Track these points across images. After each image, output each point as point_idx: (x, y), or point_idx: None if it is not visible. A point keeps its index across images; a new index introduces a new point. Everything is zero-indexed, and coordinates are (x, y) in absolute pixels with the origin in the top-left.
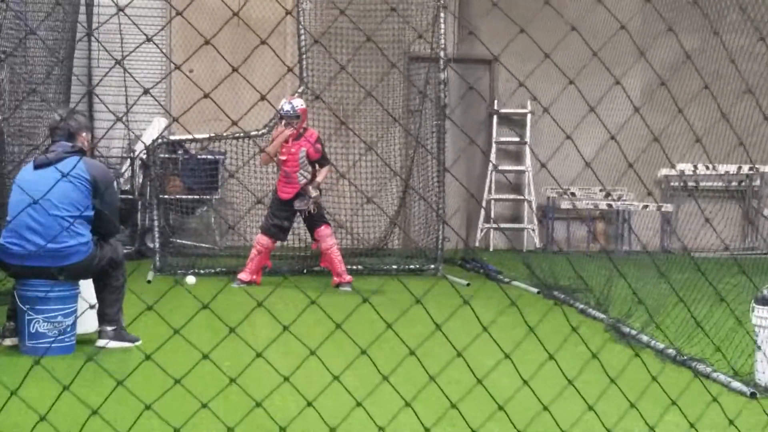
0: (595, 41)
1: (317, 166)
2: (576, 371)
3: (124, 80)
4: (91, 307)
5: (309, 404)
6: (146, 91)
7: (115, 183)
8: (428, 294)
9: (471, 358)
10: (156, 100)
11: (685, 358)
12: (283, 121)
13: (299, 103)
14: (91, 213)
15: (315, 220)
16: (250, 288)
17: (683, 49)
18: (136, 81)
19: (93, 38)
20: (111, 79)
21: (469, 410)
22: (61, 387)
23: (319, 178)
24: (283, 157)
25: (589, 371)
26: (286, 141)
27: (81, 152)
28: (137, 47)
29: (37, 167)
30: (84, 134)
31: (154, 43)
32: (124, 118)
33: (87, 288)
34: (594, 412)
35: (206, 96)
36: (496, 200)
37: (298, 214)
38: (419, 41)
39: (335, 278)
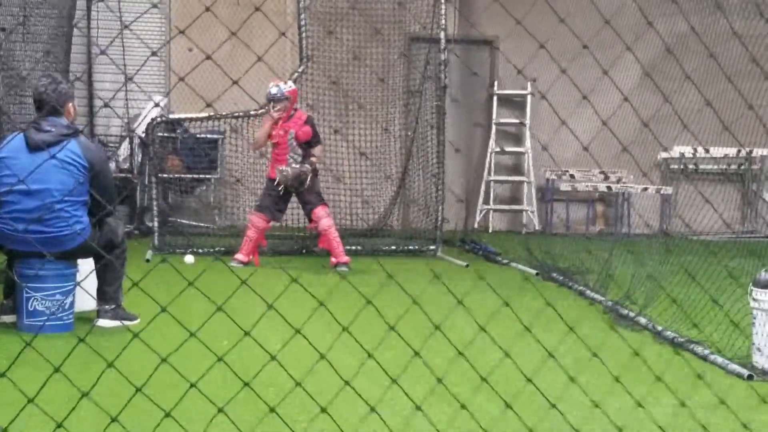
0: (596, 19)
1: (310, 147)
2: (573, 353)
3: (123, 59)
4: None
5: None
6: (139, 68)
7: (110, 163)
8: (427, 274)
9: (456, 333)
10: (140, 83)
11: (683, 340)
12: (272, 105)
13: (286, 86)
14: (87, 197)
15: (311, 201)
16: (248, 269)
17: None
18: (122, 65)
19: (91, 15)
20: (111, 57)
21: (475, 404)
22: (54, 367)
23: (315, 156)
24: (274, 140)
25: (583, 350)
26: (275, 123)
27: (76, 132)
28: (129, 25)
29: (32, 150)
30: (70, 105)
31: (150, 10)
32: (122, 96)
33: (88, 267)
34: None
35: (196, 68)
36: (495, 182)
37: (293, 192)
38: (420, 21)
39: (333, 259)
